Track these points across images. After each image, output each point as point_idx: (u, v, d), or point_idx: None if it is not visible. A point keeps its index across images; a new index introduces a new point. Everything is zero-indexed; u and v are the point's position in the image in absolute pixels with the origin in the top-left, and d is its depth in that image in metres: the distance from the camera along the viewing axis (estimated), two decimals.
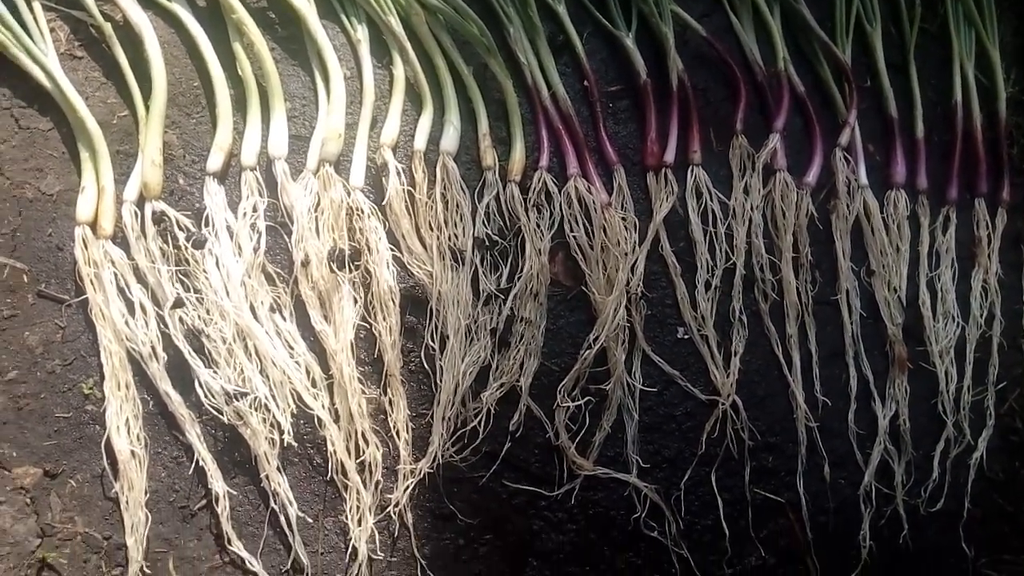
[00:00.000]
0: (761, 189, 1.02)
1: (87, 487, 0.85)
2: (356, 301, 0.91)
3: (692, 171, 1.01)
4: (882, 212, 1.07)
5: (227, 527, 0.84)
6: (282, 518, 0.86)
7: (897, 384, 1.03)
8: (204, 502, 0.86)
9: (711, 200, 1.01)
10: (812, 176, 1.05)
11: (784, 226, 1.02)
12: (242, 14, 0.94)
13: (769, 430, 0.97)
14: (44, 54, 0.91)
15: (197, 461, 0.85)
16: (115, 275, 0.86)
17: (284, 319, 0.90)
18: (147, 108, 0.92)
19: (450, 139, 0.97)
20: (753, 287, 1.01)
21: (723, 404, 0.95)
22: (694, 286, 0.98)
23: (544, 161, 0.99)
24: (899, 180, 1.09)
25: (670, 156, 1.01)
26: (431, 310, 0.92)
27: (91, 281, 0.86)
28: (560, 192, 0.97)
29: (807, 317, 1.01)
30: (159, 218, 0.88)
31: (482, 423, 0.89)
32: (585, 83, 1.03)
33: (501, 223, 0.96)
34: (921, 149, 1.12)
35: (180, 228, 0.88)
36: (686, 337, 0.98)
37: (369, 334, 0.92)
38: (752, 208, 1.01)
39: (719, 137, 1.06)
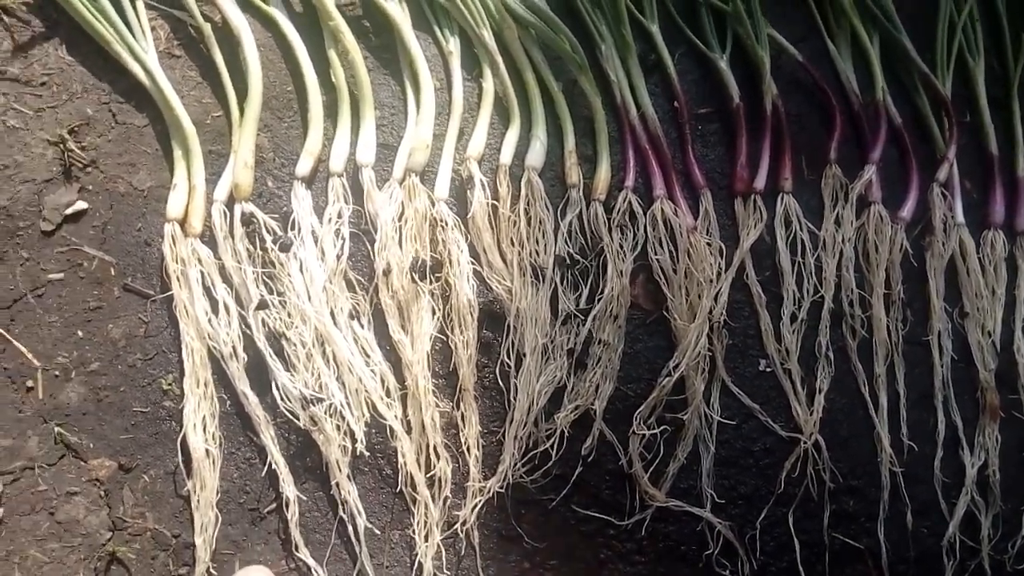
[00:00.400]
0: (854, 221, 0.99)
1: (160, 483, 0.85)
2: (435, 313, 0.90)
3: (782, 199, 0.99)
4: (978, 252, 1.03)
5: (295, 532, 0.84)
6: (350, 528, 0.85)
7: (987, 432, 0.98)
8: (274, 506, 0.86)
9: (801, 230, 0.98)
10: (907, 211, 1.01)
11: (876, 261, 0.98)
12: (339, 21, 0.95)
13: (851, 473, 0.94)
14: (145, 52, 0.93)
15: (270, 464, 0.85)
16: (201, 273, 0.87)
17: (362, 326, 0.89)
18: (241, 110, 0.93)
19: (536, 154, 0.96)
20: (841, 322, 0.97)
21: (805, 443, 0.92)
22: (779, 318, 0.95)
23: (630, 181, 0.97)
24: (997, 220, 1.05)
25: (760, 182, 0.98)
26: (508, 326, 0.91)
27: (177, 278, 0.87)
28: (645, 213, 0.95)
29: (896, 357, 0.97)
30: (248, 219, 0.89)
31: (555, 445, 0.87)
32: (675, 104, 1.01)
33: (583, 242, 0.95)
34: (1021, 188, 1.07)
35: (267, 231, 0.89)
36: (768, 370, 0.95)
37: (445, 347, 0.91)
38: (844, 240, 0.98)
39: (811, 165, 1.03)
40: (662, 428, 0.90)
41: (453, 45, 1.00)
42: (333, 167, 0.93)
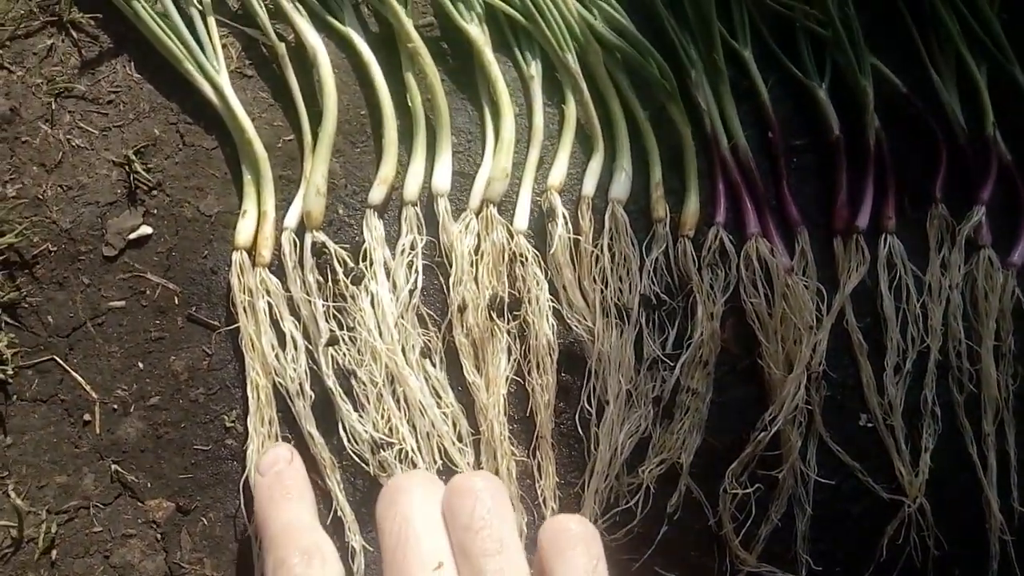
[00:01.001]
0: (962, 266, 0.92)
1: (219, 527, 0.81)
2: (511, 353, 0.85)
3: (886, 239, 0.92)
4: None
5: None
6: None
7: None
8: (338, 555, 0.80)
9: (905, 273, 0.92)
10: (1019, 256, 0.94)
11: (986, 309, 0.92)
12: (418, 43, 0.91)
13: (957, 540, 0.87)
14: (216, 71, 0.90)
15: (335, 510, 0.81)
16: (269, 305, 0.83)
17: (434, 366, 0.85)
18: (314, 134, 0.89)
19: (621, 186, 0.91)
20: (948, 375, 0.90)
21: (910, 506, 0.85)
22: (881, 369, 0.89)
23: (720, 217, 0.92)
24: None
25: (863, 221, 0.92)
26: (590, 370, 0.85)
27: (244, 309, 0.84)
28: (738, 252, 0.90)
29: (1006, 414, 0.90)
30: (319, 250, 0.85)
31: (640, 502, 0.81)
32: (769, 134, 0.96)
33: (668, 281, 0.90)
34: None
35: (339, 261, 0.85)
36: (869, 426, 0.89)
37: (520, 390, 0.86)
38: (951, 286, 0.92)
39: (913, 204, 0.97)
40: (755, 487, 0.83)
41: (535, 69, 0.96)
42: (407, 195, 0.89)
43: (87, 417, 0.82)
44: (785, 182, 0.94)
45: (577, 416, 0.85)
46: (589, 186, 0.91)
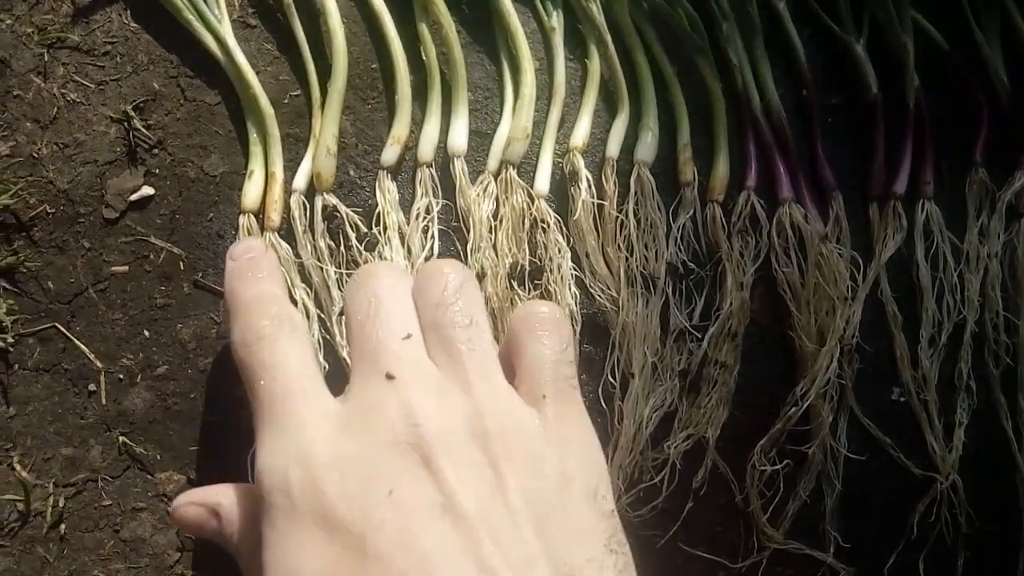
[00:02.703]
0: (1002, 234, 0.91)
1: None
2: None
3: (923, 205, 0.90)
4: None
5: None
6: None
7: None
8: None
9: (943, 242, 0.90)
10: None
11: None
12: None
13: (989, 517, 0.87)
14: (218, 21, 0.87)
15: None
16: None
17: None
18: (323, 89, 0.86)
19: (647, 147, 0.89)
20: (984, 348, 0.89)
21: (942, 483, 0.85)
22: (916, 341, 0.88)
23: (751, 180, 0.90)
24: None
25: (900, 186, 0.90)
26: (613, 341, 0.84)
27: None
28: (770, 218, 0.88)
29: None
30: (330, 214, 0.83)
31: (665, 478, 0.81)
32: (804, 93, 0.93)
33: (696, 248, 0.88)
34: None
35: (351, 226, 0.83)
36: (902, 400, 0.88)
37: None
38: (990, 255, 0.90)
39: (952, 168, 0.94)
40: (784, 463, 0.83)
41: (556, 20, 0.92)
42: (421, 156, 0.87)
43: (92, 387, 0.81)
44: (819, 144, 0.92)
45: (600, 389, 0.84)
46: (613, 147, 0.89)
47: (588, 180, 0.87)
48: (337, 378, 0.80)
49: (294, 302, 0.81)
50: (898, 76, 0.94)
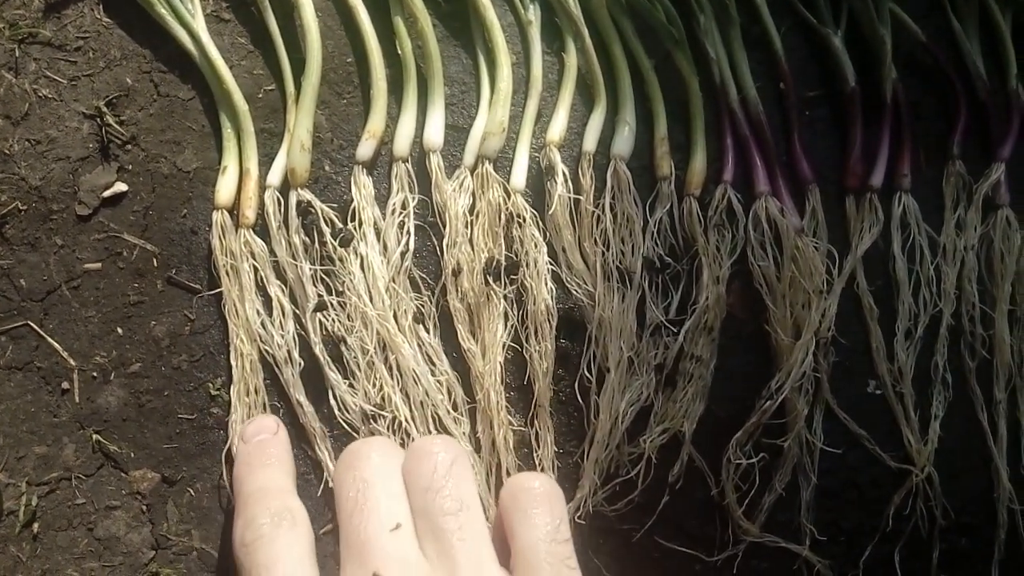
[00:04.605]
0: (979, 226, 0.92)
1: (207, 498, 0.82)
2: (508, 319, 0.85)
3: (900, 198, 0.91)
4: None
5: None
6: None
7: None
8: (330, 527, 0.81)
9: (919, 234, 0.91)
10: None
11: (1002, 272, 0.91)
12: None
13: (964, 509, 0.88)
14: (191, 15, 0.88)
15: (326, 481, 0.81)
16: (254, 268, 0.82)
17: (427, 332, 0.84)
18: (297, 84, 0.87)
19: (624, 141, 0.90)
20: (960, 341, 0.90)
21: (917, 476, 0.86)
22: (892, 334, 0.89)
23: (728, 174, 0.91)
24: None
25: (877, 179, 0.91)
26: (590, 336, 0.85)
27: (227, 272, 0.83)
28: (746, 212, 0.88)
29: (1019, 381, 0.91)
30: (305, 209, 0.83)
31: (641, 472, 0.82)
32: (781, 86, 0.94)
33: (673, 243, 0.89)
34: None
35: (326, 222, 0.83)
36: (878, 393, 0.89)
37: (517, 357, 0.85)
38: (966, 248, 0.91)
39: (929, 161, 0.95)
40: (760, 456, 0.84)
41: (533, 13, 0.93)
42: (397, 151, 0.87)
43: (65, 385, 0.82)
44: (797, 137, 0.93)
45: (576, 384, 0.85)
46: (590, 141, 0.90)
47: (565, 175, 0.87)
48: (312, 378, 0.81)
49: (268, 302, 0.82)
50: (876, 69, 0.95)
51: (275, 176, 0.85)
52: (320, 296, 0.82)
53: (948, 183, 0.94)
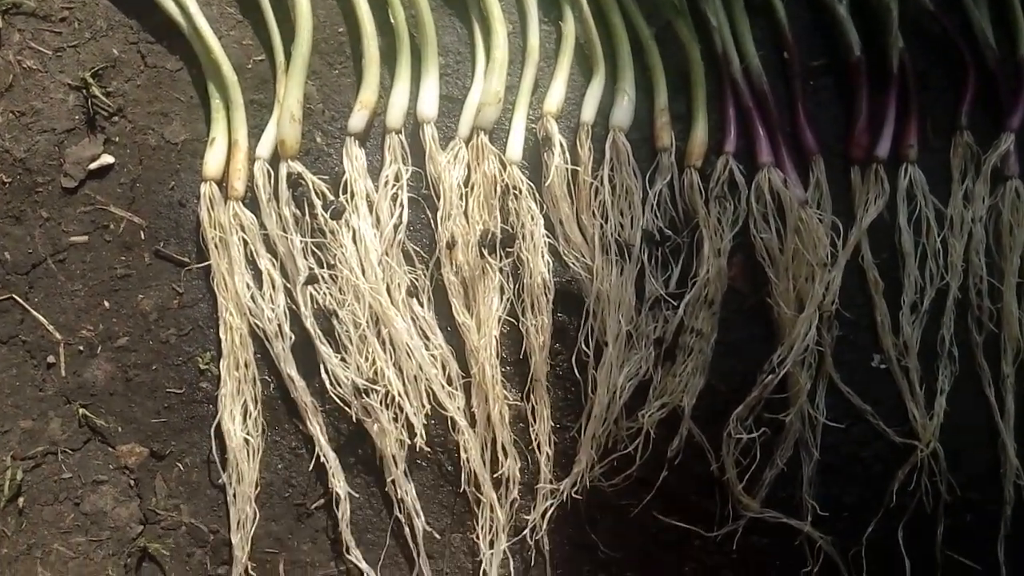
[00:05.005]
0: (987, 198, 0.90)
1: (196, 472, 0.80)
2: (503, 292, 0.83)
3: (906, 169, 0.89)
4: None
5: (346, 533, 0.79)
6: (406, 529, 0.80)
7: None
8: (322, 502, 0.80)
9: (926, 206, 0.89)
10: None
11: (1010, 244, 0.89)
12: None
13: (970, 484, 0.86)
14: None
15: (317, 456, 0.79)
16: (243, 241, 0.80)
17: (421, 305, 0.82)
18: (287, 54, 0.85)
19: (624, 112, 0.87)
20: (967, 314, 0.88)
21: (922, 451, 0.84)
22: (897, 307, 0.87)
23: (730, 145, 0.89)
24: None
25: (883, 150, 0.89)
26: (588, 310, 0.83)
27: (215, 245, 0.81)
28: (749, 184, 0.86)
29: None
30: (295, 181, 0.82)
31: (639, 447, 0.80)
32: (785, 55, 0.92)
33: (673, 215, 0.87)
34: None
35: (317, 194, 0.81)
36: (882, 367, 0.87)
37: (514, 331, 0.84)
38: (974, 220, 0.89)
39: (936, 131, 0.93)
40: (761, 431, 0.82)
41: None
42: (390, 122, 0.85)
43: (51, 359, 0.80)
44: (801, 107, 0.91)
45: (574, 358, 0.83)
46: (588, 112, 0.88)
47: (562, 146, 0.85)
48: (300, 351, 0.79)
49: (258, 275, 0.80)
50: (882, 37, 0.92)
51: (265, 148, 0.83)
52: (311, 269, 0.80)
53: (956, 154, 0.92)
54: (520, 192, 0.84)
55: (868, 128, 0.90)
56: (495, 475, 0.81)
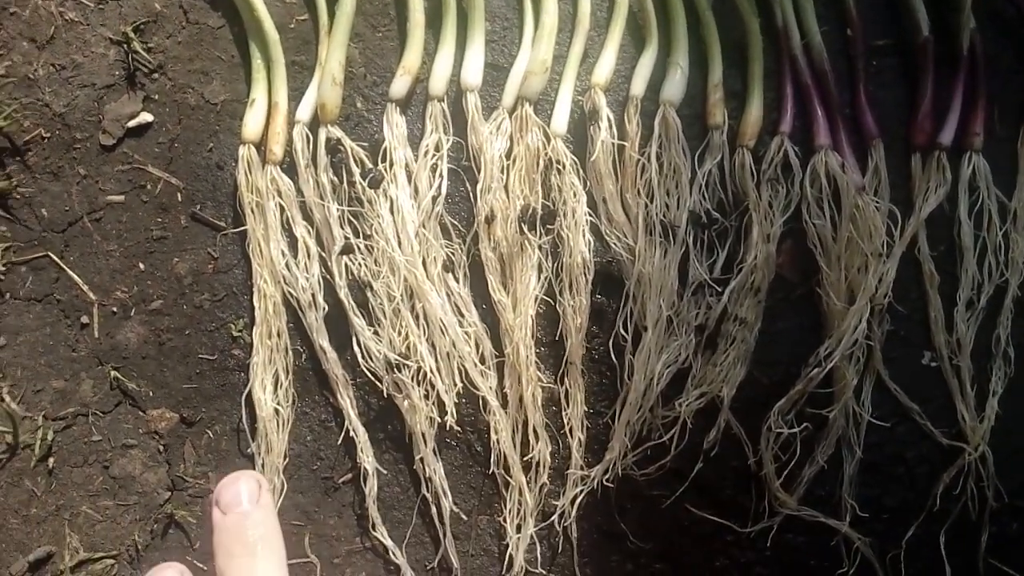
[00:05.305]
0: None
1: (225, 440, 0.80)
2: (541, 271, 0.80)
3: (970, 158, 0.85)
4: None
5: (372, 509, 0.78)
6: (433, 508, 0.78)
7: None
8: (349, 476, 0.79)
9: (989, 198, 0.84)
10: None
11: None
12: None
13: (1018, 492, 0.83)
14: None
15: (347, 430, 0.78)
16: (280, 207, 0.79)
17: (456, 281, 0.80)
18: (331, 14, 0.82)
19: (676, 86, 0.84)
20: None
21: (970, 454, 0.81)
22: (952, 303, 0.83)
23: (786, 126, 0.85)
24: None
25: (946, 137, 0.84)
26: (628, 293, 0.80)
27: (252, 210, 0.79)
28: (804, 167, 0.82)
29: None
30: (334, 147, 0.79)
31: (675, 437, 0.78)
32: (849, 32, 0.87)
33: (722, 197, 0.83)
34: None
35: (355, 161, 0.79)
36: (933, 365, 0.83)
37: (550, 311, 0.81)
38: None
39: (1003, 119, 0.88)
40: (803, 426, 0.79)
41: None
42: (433, 89, 0.83)
43: (84, 319, 0.80)
44: (862, 88, 0.86)
45: (611, 342, 0.81)
46: (638, 85, 0.84)
47: (609, 120, 0.82)
48: (336, 323, 0.78)
49: (293, 243, 0.79)
50: (952, 17, 0.87)
51: (305, 111, 0.81)
52: (347, 239, 0.78)
53: (1023, 144, 0.87)
54: (563, 167, 0.81)
55: (932, 113, 0.86)
56: (525, 458, 0.79)
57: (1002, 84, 0.89)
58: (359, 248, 0.79)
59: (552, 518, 0.79)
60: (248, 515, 0.62)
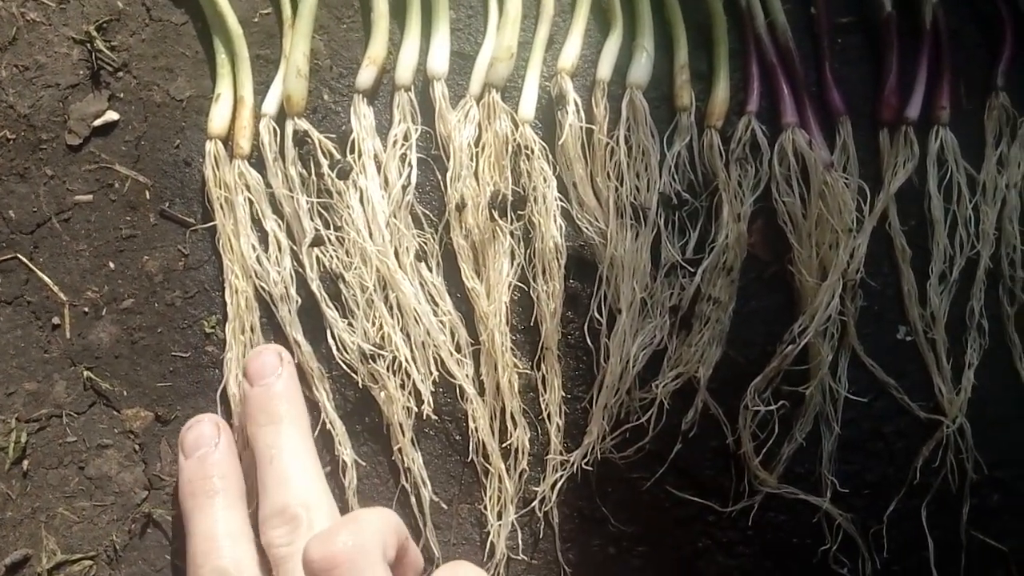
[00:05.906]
0: (1022, 163, 0.85)
1: None
2: (514, 257, 0.80)
3: (937, 132, 0.85)
4: None
5: (352, 501, 0.77)
6: (413, 499, 0.78)
7: None
8: (328, 469, 0.78)
9: (957, 171, 0.84)
10: None
11: None
12: None
13: (998, 463, 0.83)
14: None
15: (323, 422, 0.77)
16: (249, 201, 0.78)
17: (430, 270, 0.80)
18: (294, 6, 0.82)
19: (642, 69, 0.84)
20: (998, 285, 0.84)
21: (948, 427, 0.81)
22: (925, 277, 0.83)
23: (753, 105, 0.85)
24: None
25: (913, 111, 0.85)
26: (601, 276, 0.80)
27: (221, 205, 0.79)
28: (772, 145, 0.82)
29: None
30: (301, 139, 0.79)
31: (652, 419, 0.77)
32: (812, 10, 0.87)
33: (692, 178, 0.83)
34: None
35: (323, 153, 0.79)
36: (908, 339, 0.84)
37: (524, 297, 0.81)
38: (1008, 186, 0.85)
39: (970, 93, 0.88)
40: (780, 404, 0.79)
41: None
42: (399, 79, 0.82)
43: (56, 320, 0.79)
44: (828, 66, 0.86)
45: (586, 326, 0.80)
46: (605, 69, 0.84)
47: (577, 104, 0.82)
48: (309, 316, 0.77)
49: (264, 237, 0.78)
50: None
51: (271, 104, 0.81)
52: (317, 231, 0.78)
53: (990, 117, 0.87)
54: (532, 152, 0.81)
55: (898, 88, 0.86)
56: (504, 445, 0.79)
57: (967, 58, 0.89)
58: (330, 240, 0.78)
59: (533, 504, 0.79)
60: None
